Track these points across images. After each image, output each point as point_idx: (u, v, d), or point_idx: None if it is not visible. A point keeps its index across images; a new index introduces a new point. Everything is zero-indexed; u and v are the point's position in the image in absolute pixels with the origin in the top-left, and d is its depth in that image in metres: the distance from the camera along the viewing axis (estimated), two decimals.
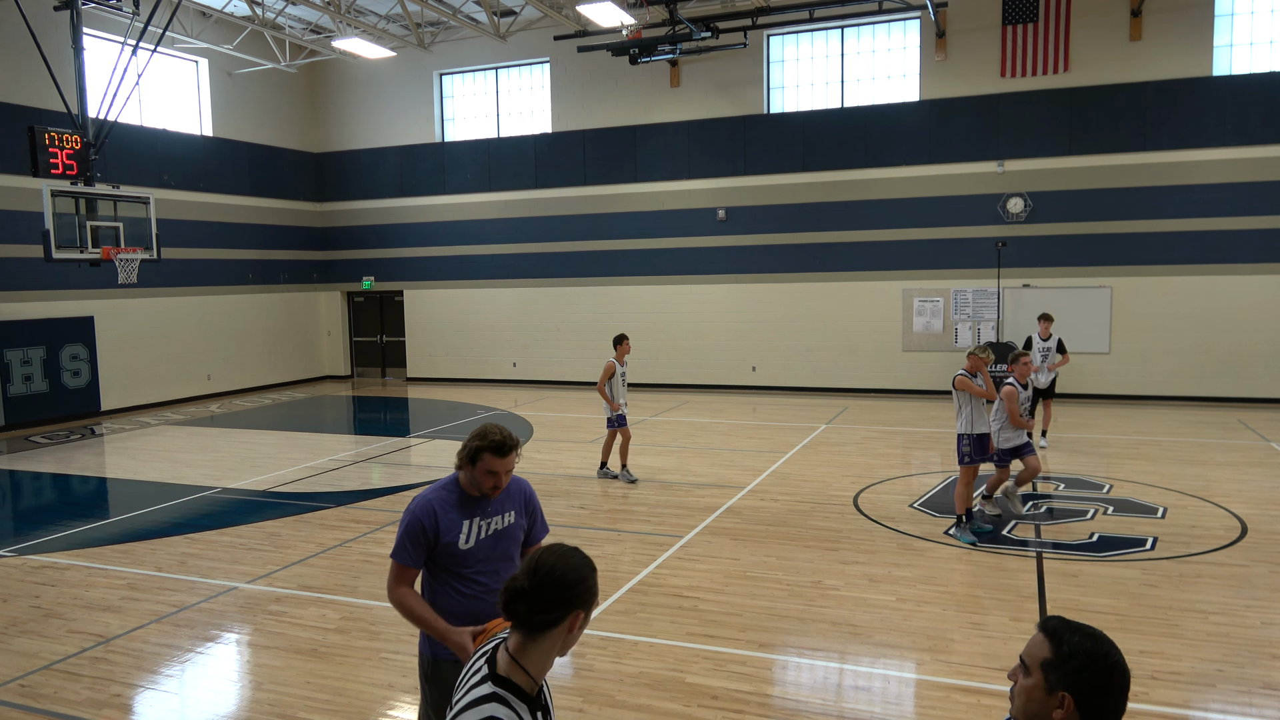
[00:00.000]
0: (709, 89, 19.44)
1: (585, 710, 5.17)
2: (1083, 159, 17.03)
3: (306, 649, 6.13)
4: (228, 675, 5.96)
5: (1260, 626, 6.20)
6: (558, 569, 2.17)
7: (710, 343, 19.87)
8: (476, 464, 3.55)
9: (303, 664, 5.89)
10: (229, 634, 6.54)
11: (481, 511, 3.69)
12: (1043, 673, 2.02)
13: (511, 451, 3.58)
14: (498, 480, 3.58)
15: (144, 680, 5.76)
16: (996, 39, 17.29)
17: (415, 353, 22.84)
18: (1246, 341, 16.31)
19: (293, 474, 11.86)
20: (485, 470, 3.56)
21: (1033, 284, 17.50)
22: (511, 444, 3.57)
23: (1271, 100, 15.87)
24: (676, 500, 10.06)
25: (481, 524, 3.67)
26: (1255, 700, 5.16)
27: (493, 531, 3.70)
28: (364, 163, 22.75)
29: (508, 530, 3.76)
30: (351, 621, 6.63)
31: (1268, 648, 5.84)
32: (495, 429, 3.58)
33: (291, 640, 6.28)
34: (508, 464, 3.60)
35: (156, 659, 6.06)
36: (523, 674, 2.14)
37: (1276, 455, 11.91)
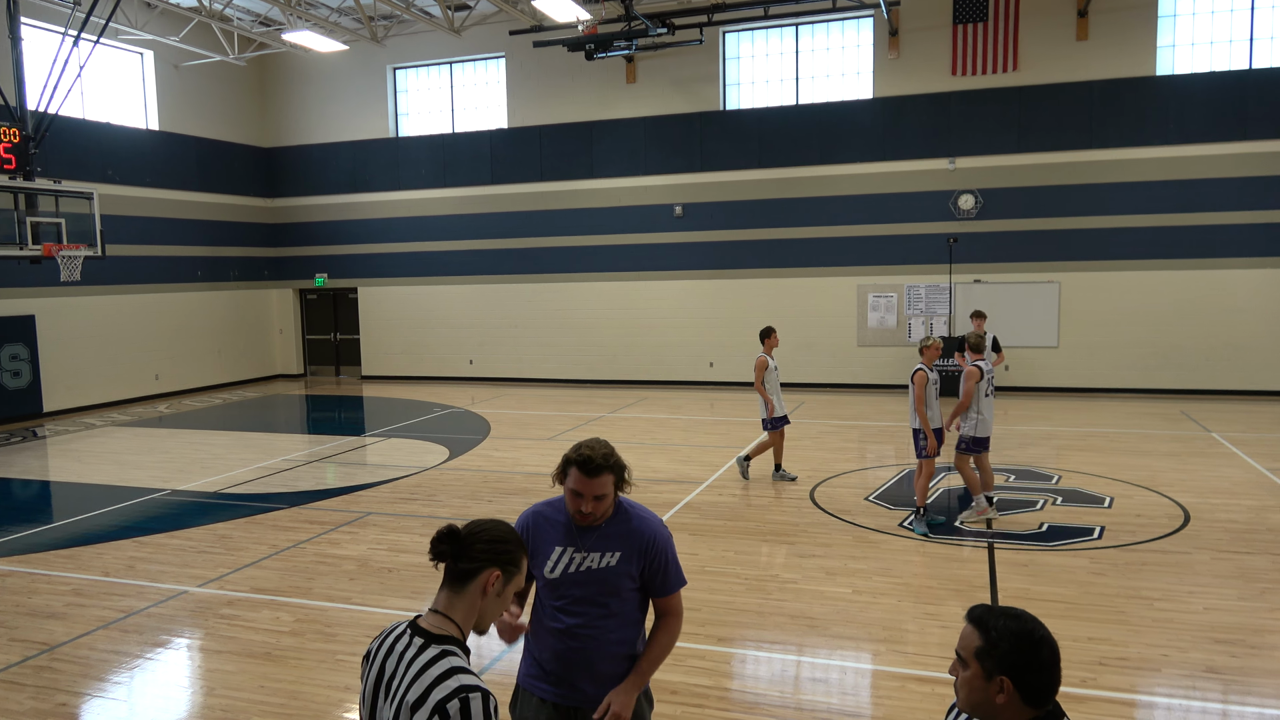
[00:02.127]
0: (665, 85, 19.46)
1: None
2: (1031, 156, 17.36)
3: (260, 653, 6.03)
4: (178, 681, 5.84)
5: (1202, 612, 6.38)
6: (489, 525, 2.37)
7: (668, 339, 19.91)
8: (565, 480, 3.15)
9: (256, 668, 5.80)
10: (179, 639, 6.41)
11: (577, 542, 3.24)
12: (978, 661, 2.08)
13: (603, 473, 3.07)
14: (580, 504, 3.11)
15: (91, 688, 5.62)
16: (947, 38, 17.54)
17: (370, 351, 22.58)
18: (1188, 335, 16.76)
19: (244, 475, 11.66)
20: (570, 489, 3.13)
21: (983, 279, 17.80)
22: (604, 464, 3.07)
23: (1212, 100, 16.32)
24: (635, 496, 10.01)
25: (575, 556, 3.22)
26: (1198, 684, 5.31)
27: (585, 569, 3.21)
28: (316, 158, 22.41)
29: (604, 573, 3.21)
30: (306, 624, 6.53)
31: (1210, 632, 6.02)
32: (592, 444, 3.12)
33: (244, 644, 6.18)
34: (597, 486, 3.08)
35: (104, 666, 5.92)
36: (454, 627, 2.29)
37: (1217, 445, 12.26)
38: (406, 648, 2.25)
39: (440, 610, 2.30)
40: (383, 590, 7.20)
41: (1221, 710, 5.04)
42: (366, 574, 7.59)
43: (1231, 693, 5.20)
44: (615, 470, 3.11)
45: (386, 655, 2.28)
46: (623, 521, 3.26)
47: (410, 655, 2.22)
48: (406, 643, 2.26)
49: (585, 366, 20.57)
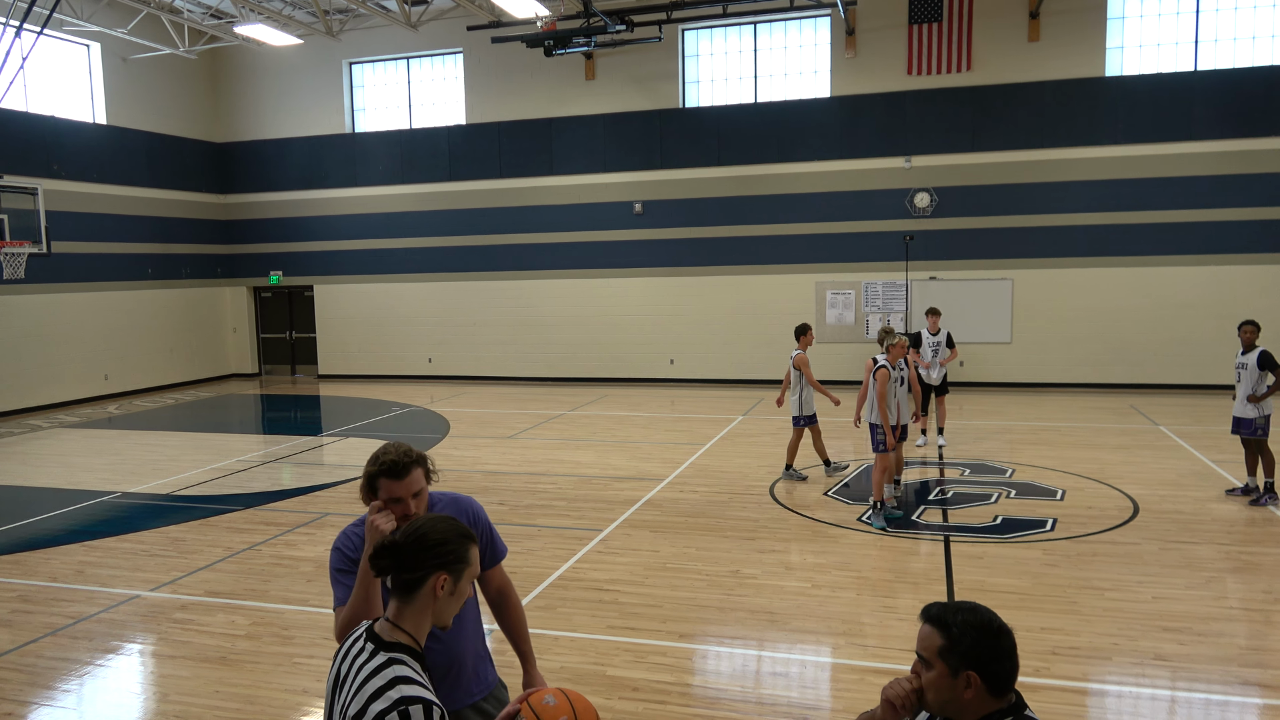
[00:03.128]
0: (624, 82, 19.45)
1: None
2: (985, 155, 17.63)
3: (215, 657, 5.93)
4: (130, 688, 5.72)
5: (1151, 601, 6.54)
6: (425, 529, 2.28)
7: (628, 336, 19.92)
8: (377, 493, 3.09)
9: (211, 673, 5.70)
10: (131, 645, 6.28)
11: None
12: (943, 660, 2.08)
13: (411, 470, 3.05)
14: (406, 508, 3.07)
15: (38, 697, 5.48)
16: (903, 38, 17.74)
17: (327, 349, 22.28)
18: (1136, 331, 17.15)
19: (198, 476, 11.45)
20: (385, 500, 3.05)
21: (939, 276, 18.05)
22: (408, 461, 3.04)
23: (1160, 100, 16.70)
24: (596, 494, 10.06)
25: None
26: (1148, 671, 5.45)
27: None
28: (270, 153, 22.05)
29: None
30: (262, 627, 6.44)
31: (1159, 621, 6.17)
32: (388, 449, 3.09)
33: (198, 649, 6.07)
34: (410, 485, 3.06)
35: (52, 674, 5.78)
36: (406, 635, 2.24)
37: (1165, 438, 12.57)
38: (360, 653, 2.24)
39: (390, 619, 2.26)
40: None
41: (1170, 697, 5.17)
42: (324, 575, 7.49)
43: (1179, 679, 5.34)
44: (421, 462, 3.10)
45: (344, 658, 2.29)
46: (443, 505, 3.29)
47: (361, 661, 2.21)
48: (360, 647, 2.25)
49: (545, 364, 20.50)
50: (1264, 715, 4.92)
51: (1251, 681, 5.27)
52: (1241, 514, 8.73)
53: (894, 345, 8.86)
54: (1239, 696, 5.13)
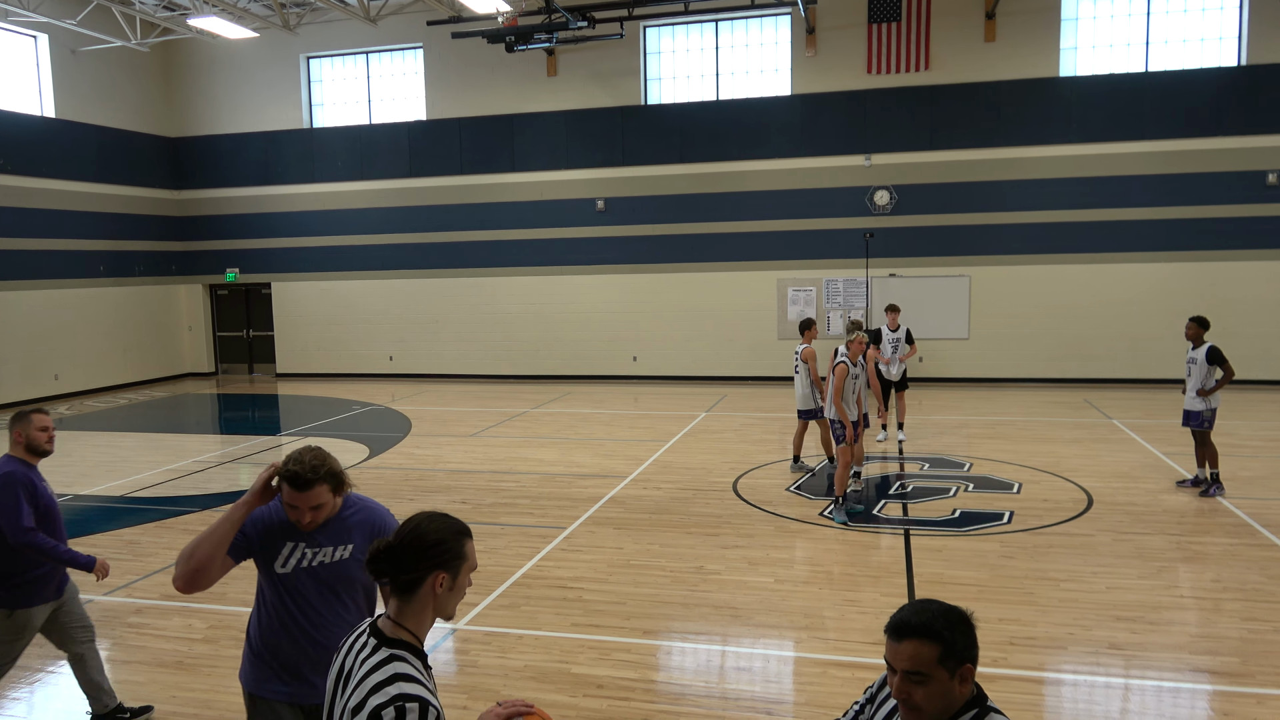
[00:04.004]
0: (586, 79, 19.40)
1: (470, 707, 5.11)
2: (943, 154, 17.86)
3: (171, 661, 5.83)
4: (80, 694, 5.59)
5: (1105, 591, 6.68)
6: (421, 529, 2.30)
7: (591, 333, 19.89)
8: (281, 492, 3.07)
9: (167, 677, 5.60)
10: None
11: (309, 537, 3.20)
12: (942, 667, 2.06)
13: (314, 485, 2.98)
14: (299, 516, 3.06)
15: None
16: (863, 37, 17.90)
17: (285, 348, 21.97)
18: (1091, 326, 17.50)
19: (153, 477, 11.23)
20: (285, 503, 3.05)
21: (898, 273, 18.26)
22: (313, 477, 2.97)
23: (1112, 100, 17.03)
24: (559, 492, 10.04)
25: (306, 551, 3.18)
26: (1102, 660, 5.56)
27: (319, 563, 3.18)
28: (225, 148, 21.67)
29: (337, 566, 3.20)
30: (220, 630, 6.33)
31: (1112, 610, 6.30)
32: (303, 456, 3.01)
33: (154, 653, 5.96)
34: (310, 499, 3.01)
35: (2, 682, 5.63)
36: (408, 633, 2.28)
37: (1118, 432, 12.84)
38: (363, 648, 2.27)
39: (392, 618, 2.29)
40: None
41: (1124, 684, 5.28)
42: None
43: (1133, 667, 5.46)
44: (329, 479, 3.05)
45: (347, 653, 2.32)
46: (352, 513, 3.26)
47: (364, 656, 2.25)
48: (364, 643, 2.29)
49: (507, 362, 20.41)
50: (1214, 700, 5.05)
51: (1202, 668, 5.41)
52: (1191, 505, 8.95)
53: (853, 341, 8.95)
54: (1190, 683, 5.26)
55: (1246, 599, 6.46)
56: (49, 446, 4.72)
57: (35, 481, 4.63)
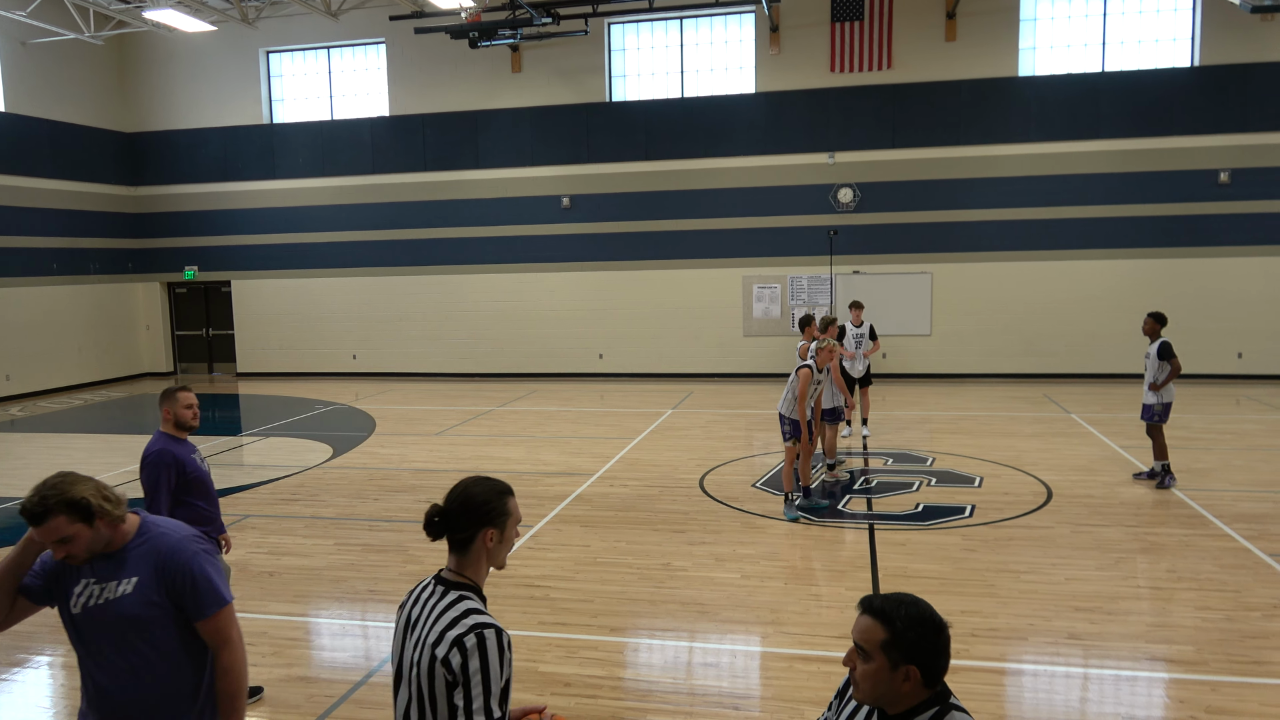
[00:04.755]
0: (551, 76, 19.34)
1: None
2: (905, 152, 18.05)
3: None
4: (38, 703, 5.49)
5: (1064, 582, 6.80)
6: (469, 492, 2.53)
7: (557, 331, 19.85)
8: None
9: None
10: (38, 658, 6.02)
11: (96, 571, 2.77)
12: (884, 653, 2.08)
13: (48, 519, 2.63)
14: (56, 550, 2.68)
15: None
16: (826, 35, 18.03)
17: (246, 347, 21.66)
18: (1050, 322, 17.79)
19: (110, 480, 10.98)
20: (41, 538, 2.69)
21: (862, 270, 18.42)
22: (41, 510, 2.63)
23: (1070, 100, 17.32)
24: (526, 490, 10.01)
25: (93, 587, 2.76)
26: (1061, 650, 5.66)
27: (104, 600, 2.75)
28: (183, 144, 21.30)
29: (121, 604, 2.74)
30: None
31: (1071, 601, 6.42)
32: (38, 488, 2.68)
33: None
34: (48, 533, 2.64)
35: None
36: (467, 580, 2.53)
37: (1076, 426, 13.07)
38: (430, 595, 2.52)
39: (453, 569, 2.55)
40: (264, 595, 6.94)
41: (1083, 674, 5.38)
42: (246, 579, 7.29)
43: (1091, 657, 5.57)
44: (63, 510, 2.64)
45: (414, 604, 2.55)
46: (141, 543, 2.82)
47: (433, 602, 2.49)
48: (431, 591, 2.53)
49: (473, 360, 20.29)
50: (1170, 688, 5.17)
51: (1158, 657, 5.53)
52: (1148, 496, 9.14)
53: (822, 350, 8.89)
54: (1146, 672, 5.37)
55: (1200, 588, 6.62)
56: (194, 422, 4.98)
57: (183, 457, 4.88)
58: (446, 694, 2.33)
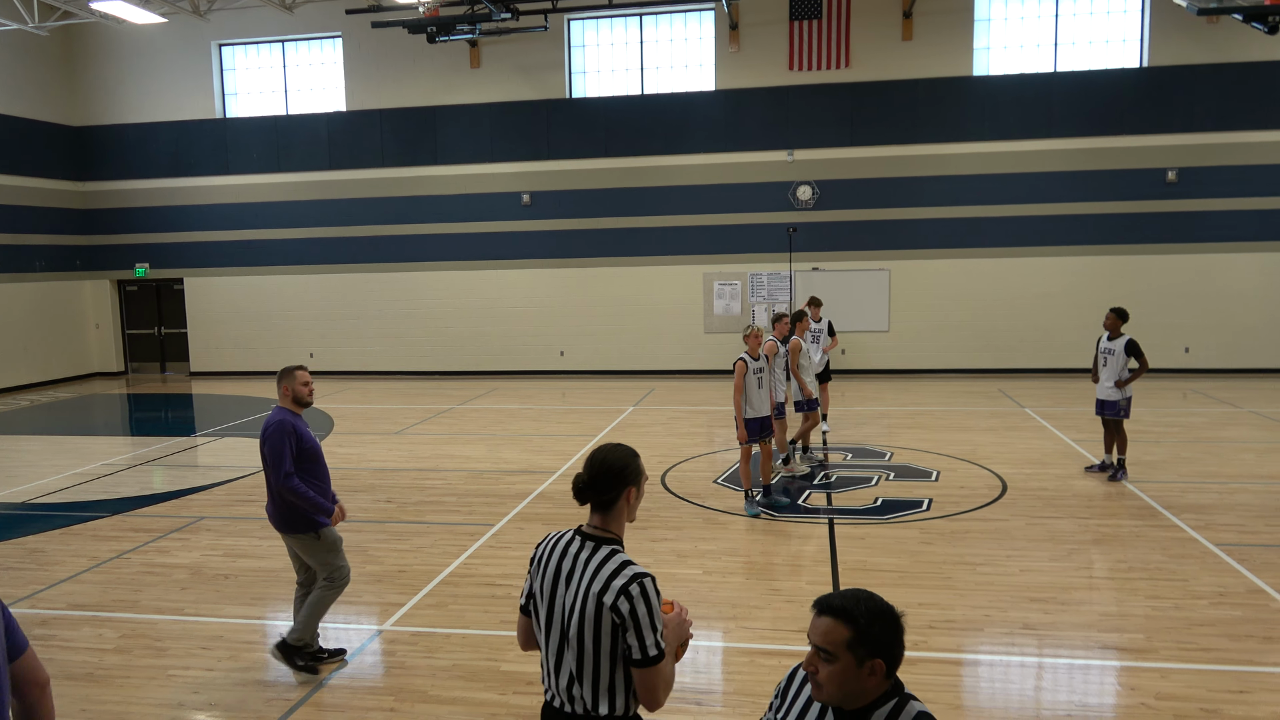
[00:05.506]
0: (510, 71, 19.22)
1: (397, 709, 5.03)
2: (863, 150, 18.22)
3: (80, 674, 5.59)
4: None
5: (1019, 574, 6.92)
6: (609, 460, 2.82)
7: (518, 328, 19.75)
8: None
9: (76, 690, 5.37)
10: None
11: None
12: (850, 652, 2.08)
13: None
14: None
15: None
16: (785, 33, 18.14)
17: (199, 345, 21.27)
18: (1004, 318, 18.09)
19: (58, 482, 10.76)
20: None
21: (821, 267, 18.58)
22: None
23: (1023, 99, 17.61)
24: (487, 489, 9.95)
25: None
26: (1016, 640, 5.77)
27: None
28: (133, 138, 20.84)
29: None
30: (132, 639, 6.11)
31: (1026, 592, 6.54)
32: None
33: (62, 665, 5.71)
34: None
35: None
36: (613, 534, 2.82)
37: (1030, 420, 13.31)
38: (580, 550, 2.79)
39: (598, 526, 2.82)
40: (219, 598, 6.82)
41: (1037, 663, 5.49)
42: (200, 582, 7.17)
43: (1045, 646, 5.68)
44: None
45: (560, 556, 2.81)
46: None
47: (585, 555, 2.76)
48: (579, 546, 2.80)
49: (433, 358, 20.12)
50: (1121, 676, 5.29)
51: (1110, 645, 5.65)
52: (1099, 489, 9.33)
53: (748, 335, 8.72)
54: (1099, 660, 5.49)
55: (1150, 578, 6.78)
56: (310, 398, 5.50)
57: (300, 429, 5.38)
58: (612, 635, 2.67)
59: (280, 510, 5.40)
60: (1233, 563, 7.04)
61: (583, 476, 2.81)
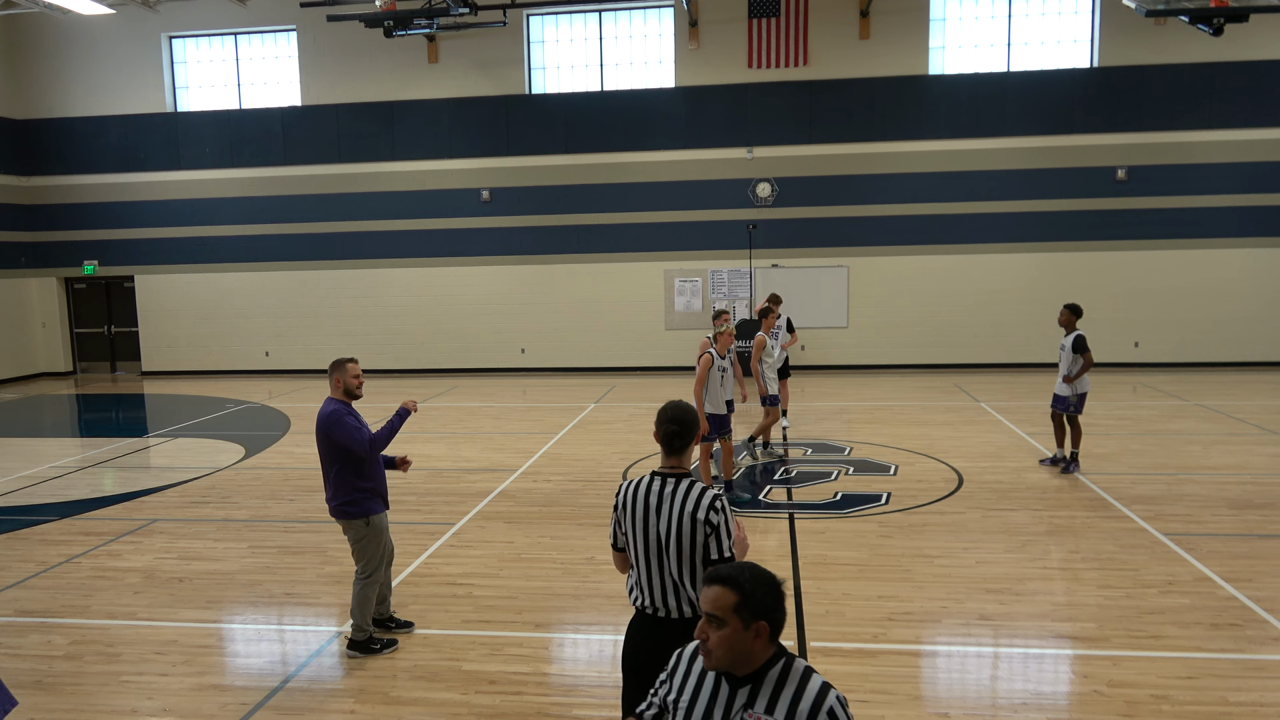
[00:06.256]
0: (469, 67, 19.07)
1: (357, 711, 4.98)
2: (821, 147, 18.37)
3: (28, 682, 5.45)
4: None
5: (975, 565, 7.04)
6: (687, 414, 3.60)
7: (478, 326, 19.63)
8: None
9: (25, 699, 5.23)
10: None
11: None
12: (737, 615, 2.23)
13: None
14: None
15: None
16: (744, 31, 18.22)
17: (151, 344, 20.83)
18: (960, 314, 18.36)
19: (4, 485, 10.48)
20: None
21: (780, 264, 18.71)
22: None
23: (977, 98, 17.88)
24: (447, 487, 9.88)
25: None
26: (973, 630, 5.86)
27: None
28: (81, 132, 20.33)
29: None
30: (84, 645, 5.97)
31: (982, 583, 6.65)
32: None
33: (8, 674, 5.56)
34: None
35: None
36: (684, 469, 3.62)
37: (985, 414, 13.53)
38: (663, 486, 3.53)
39: (674, 466, 3.60)
40: (173, 602, 6.69)
41: (993, 653, 5.58)
42: (153, 586, 7.03)
43: (1001, 636, 5.78)
44: None
45: (646, 495, 3.54)
46: None
47: (670, 489, 3.51)
48: (661, 484, 3.54)
49: (392, 355, 19.92)
50: (1074, 664, 5.40)
51: (1064, 634, 5.77)
52: (1052, 481, 9.52)
53: (721, 334, 8.88)
54: (1053, 649, 5.60)
55: (1102, 568, 6.93)
56: (360, 391, 5.73)
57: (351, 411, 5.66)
58: (704, 543, 3.43)
59: (339, 497, 5.65)
60: (1181, 552, 7.22)
61: (673, 429, 3.56)
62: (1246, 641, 5.58)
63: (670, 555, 3.45)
